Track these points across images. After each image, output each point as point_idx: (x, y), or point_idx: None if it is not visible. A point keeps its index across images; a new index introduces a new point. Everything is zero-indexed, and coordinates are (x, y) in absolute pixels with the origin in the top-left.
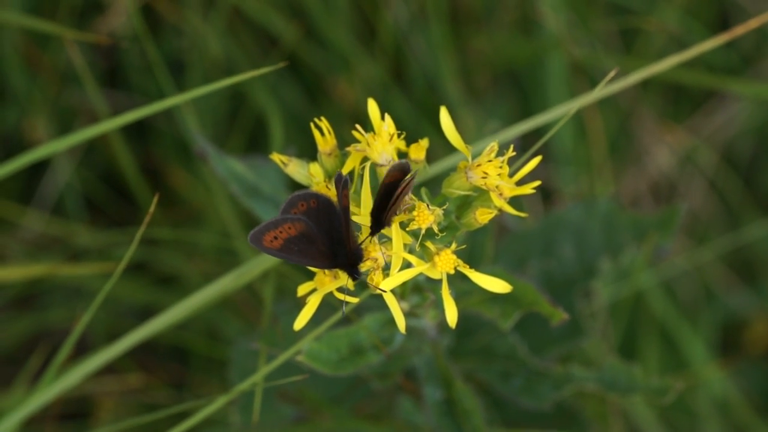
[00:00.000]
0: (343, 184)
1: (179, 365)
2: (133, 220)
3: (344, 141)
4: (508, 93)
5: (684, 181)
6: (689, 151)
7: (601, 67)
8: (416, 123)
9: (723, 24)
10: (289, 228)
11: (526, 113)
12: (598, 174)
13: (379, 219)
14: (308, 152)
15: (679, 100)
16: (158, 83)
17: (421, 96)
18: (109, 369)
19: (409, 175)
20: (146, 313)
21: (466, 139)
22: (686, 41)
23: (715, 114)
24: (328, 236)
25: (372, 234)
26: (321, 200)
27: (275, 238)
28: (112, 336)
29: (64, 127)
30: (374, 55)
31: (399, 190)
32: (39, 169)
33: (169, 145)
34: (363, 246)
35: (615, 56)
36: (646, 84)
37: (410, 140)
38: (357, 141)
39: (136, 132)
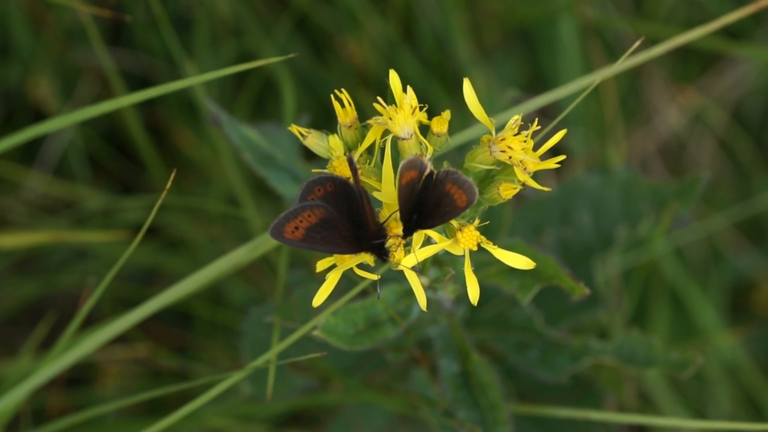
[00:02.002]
0: (353, 169)
1: (182, 329)
2: (136, 179)
3: (353, 102)
4: (517, 51)
5: (694, 141)
6: (699, 111)
7: (613, 28)
8: (425, 82)
9: None
10: (309, 216)
11: (536, 71)
12: (609, 134)
13: (411, 224)
14: (315, 111)
15: (689, 59)
16: (164, 41)
17: (430, 55)
18: (116, 336)
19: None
20: (150, 275)
21: (479, 100)
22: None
23: (725, 73)
24: (349, 219)
25: (404, 237)
26: (338, 183)
27: (296, 228)
28: (116, 299)
29: (68, 85)
30: (383, 13)
31: (443, 210)
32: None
33: (173, 103)
34: (385, 225)
35: (626, 17)
36: (655, 44)
37: (419, 100)
38: (366, 103)
39: (141, 90)
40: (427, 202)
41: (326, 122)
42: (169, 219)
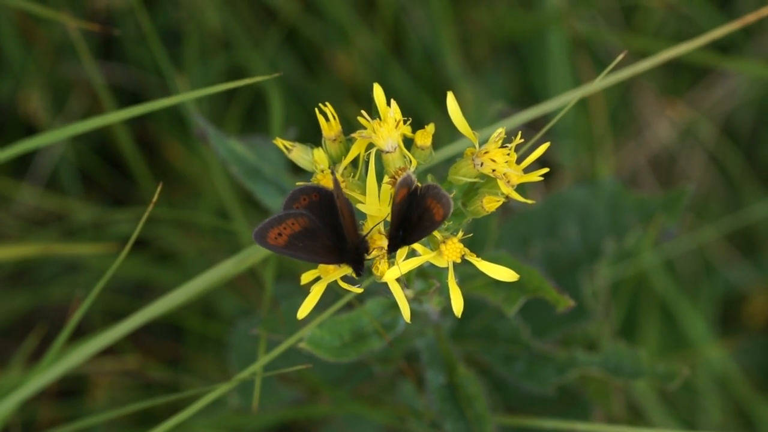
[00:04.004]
0: (334, 180)
1: (173, 342)
2: (127, 193)
3: (342, 115)
4: (506, 64)
5: (684, 155)
6: (689, 124)
7: (602, 42)
8: (415, 95)
9: None
10: (293, 224)
11: (525, 85)
12: (598, 147)
13: (398, 240)
14: (304, 124)
15: (679, 72)
16: (154, 55)
17: (419, 68)
18: (106, 348)
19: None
20: (141, 288)
21: (466, 114)
22: (686, 13)
23: (715, 87)
24: (332, 230)
25: (389, 252)
26: (323, 193)
27: (279, 234)
28: (107, 312)
29: (59, 99)
30: (373, 26)
31: (427, 223)
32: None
33: (163, 117)
34: (369, 236)
35: (616, 31)
36: (645, 57)
37: (408, 113)
38: (355, 116)
39: (131, 104)
40: (412, 218)
41: (316, 135)
42: (159, 232)
